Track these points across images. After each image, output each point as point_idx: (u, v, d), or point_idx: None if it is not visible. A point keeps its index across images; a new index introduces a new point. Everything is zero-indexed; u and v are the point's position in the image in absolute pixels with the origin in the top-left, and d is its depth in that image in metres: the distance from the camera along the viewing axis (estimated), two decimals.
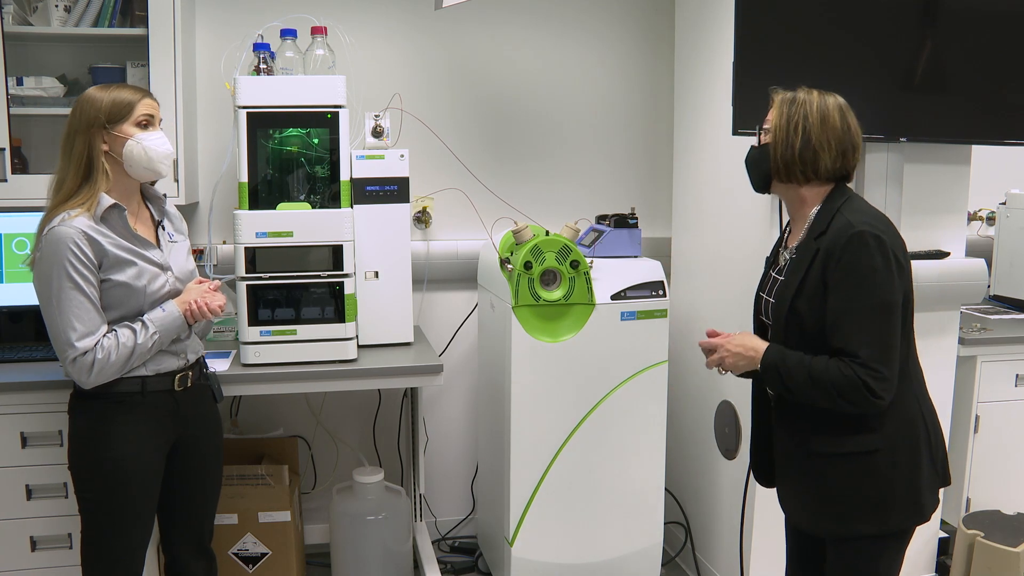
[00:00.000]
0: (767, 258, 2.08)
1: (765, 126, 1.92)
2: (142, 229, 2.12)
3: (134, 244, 2.07)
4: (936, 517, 2.96)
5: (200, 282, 2.19)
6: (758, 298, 2.03)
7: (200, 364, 2.26)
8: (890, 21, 2.51)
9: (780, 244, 2.03)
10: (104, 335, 2.01)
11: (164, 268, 2.12)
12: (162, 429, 2.13)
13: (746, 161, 2.00)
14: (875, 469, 1.82)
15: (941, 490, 1.93)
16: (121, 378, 2.05)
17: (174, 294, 2.13)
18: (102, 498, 2.08)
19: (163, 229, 2.18)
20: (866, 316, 1.76)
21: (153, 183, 2.22)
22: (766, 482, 2.09)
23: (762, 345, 1.89)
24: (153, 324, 2.05)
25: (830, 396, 1.77)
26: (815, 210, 1.89)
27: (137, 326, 2.04)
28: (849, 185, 1.93)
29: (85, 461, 2.08)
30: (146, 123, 2.07)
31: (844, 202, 1.86)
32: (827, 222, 1.83)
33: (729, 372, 1.97)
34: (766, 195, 2.58)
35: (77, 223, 1.98)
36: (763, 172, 1.93)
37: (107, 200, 2.02)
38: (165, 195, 2.24)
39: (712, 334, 2.01)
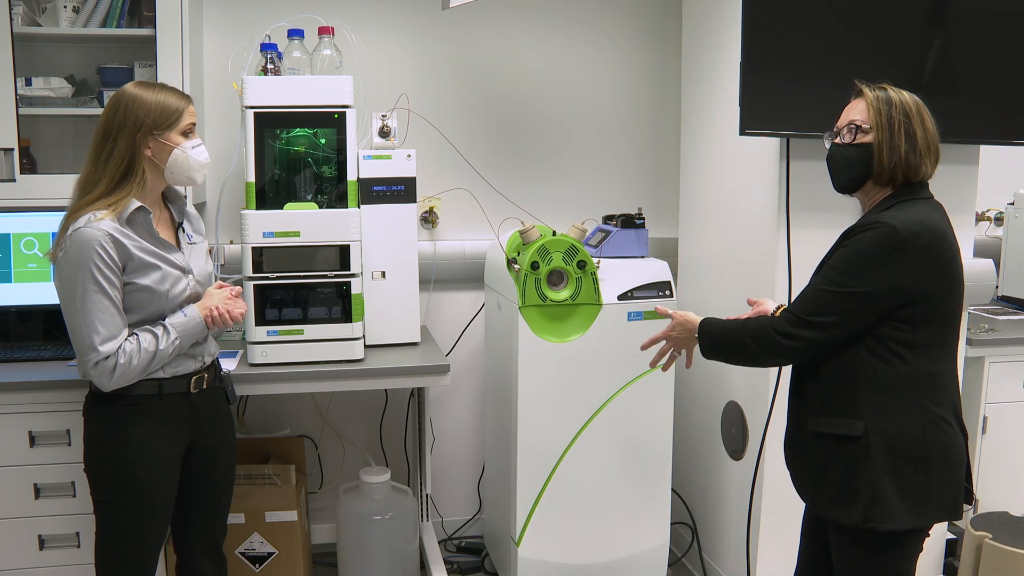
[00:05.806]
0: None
1: (857, 122, 1.86)
2: (163, 231, 2.11)
3: (158, 247, 2.06)
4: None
5: (221, 287, 2.18)
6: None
7: (215, 366, 2.26)
8: (898, 21, 2.50)
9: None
10: (126, 339, 2.00)
11: (185, 271, 2.11)
12: (178, 431, 2.13)
13: (833, 158, 1.93)
14: (853, 457, 1.82)
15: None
16: (139, 381, 2.04)
17: (194, 297, 2.13)
18: (119, 500, 2.07)
19: (183, 231, 2.18)
20: (832, 292, 1.80)
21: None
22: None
23: (696, 317, 2.04)
24: (175, 329, 2.04)
25: (745, 342, 1.89)
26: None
27: (159, 331, 2.03)
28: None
29: (102, 464, 2.08)
30: (189, 131, 2.07)
31: (902, 201, 1.83)
32: (876, 214, 1.83)
33: (683, 351, 2.15)
34: (774, 196, 2.62)
35: (103, 225, 1.96)
36: (859, 172, 1.87)
37: (134, 202, 2.01)
38: (186, 196, 2.24)
39: (663, 313, 2.19)
